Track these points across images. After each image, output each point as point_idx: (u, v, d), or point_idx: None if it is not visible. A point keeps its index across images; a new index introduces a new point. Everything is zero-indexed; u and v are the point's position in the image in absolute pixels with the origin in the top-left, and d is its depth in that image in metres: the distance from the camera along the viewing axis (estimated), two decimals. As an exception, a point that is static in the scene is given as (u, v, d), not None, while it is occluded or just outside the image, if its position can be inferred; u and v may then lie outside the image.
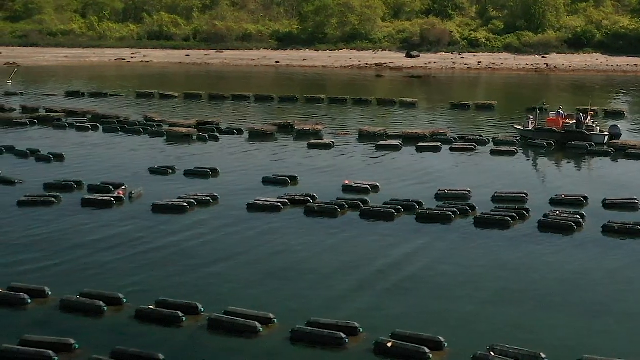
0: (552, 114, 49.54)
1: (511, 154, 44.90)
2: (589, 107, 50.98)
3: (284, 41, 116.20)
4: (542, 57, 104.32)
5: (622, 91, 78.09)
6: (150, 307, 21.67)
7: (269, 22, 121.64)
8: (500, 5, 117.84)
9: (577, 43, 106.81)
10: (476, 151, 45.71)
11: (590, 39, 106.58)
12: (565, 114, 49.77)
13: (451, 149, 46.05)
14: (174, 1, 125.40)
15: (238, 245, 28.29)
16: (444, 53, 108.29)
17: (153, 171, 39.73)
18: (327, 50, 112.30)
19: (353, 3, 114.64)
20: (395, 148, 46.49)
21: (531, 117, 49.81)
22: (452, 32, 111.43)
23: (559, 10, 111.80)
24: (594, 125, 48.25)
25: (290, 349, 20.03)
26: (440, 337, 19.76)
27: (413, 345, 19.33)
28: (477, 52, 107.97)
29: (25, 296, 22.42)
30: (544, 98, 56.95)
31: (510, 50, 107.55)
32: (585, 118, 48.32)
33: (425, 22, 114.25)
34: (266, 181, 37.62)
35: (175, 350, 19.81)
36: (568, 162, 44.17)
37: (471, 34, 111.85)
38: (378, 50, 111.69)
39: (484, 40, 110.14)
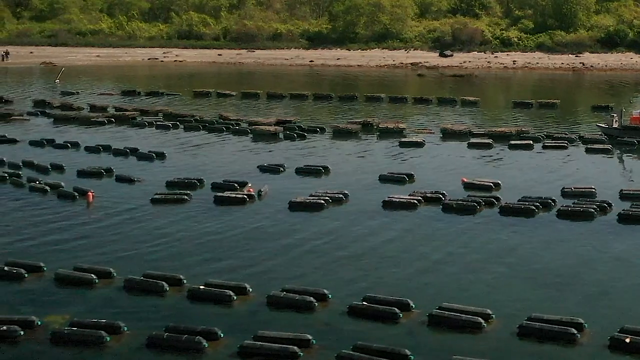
0: (635, 112, 49.80)
1: (606, 151, 45.01)
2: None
3: (314, 40, 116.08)
4: (576, 56, 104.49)
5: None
6: (364, 303, 21.65)
7: (298, 22, 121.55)
8: (528, 5, 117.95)
9: (609, 42, 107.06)
10: (569, 149, 45.82)
11: (623, 38, 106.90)
12: (649, 113, 50.12)
13: (544, 147, 46.13)
14: (201, 1, 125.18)
15: (398, 241, 28.30)
16: (476, 52, 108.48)
17: (263, 169, 39.64)
18: (359, 50, 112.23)
19: (383, 2, 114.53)
20: (487, 146, 46.50)
21: (615, 115, 50.05)
22: (483, 31, 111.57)
23: (589, 10, 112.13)
24: (679, 123, 48.53)
25: (519, 344, 20.00)
26: (673, 332, 19.78)
27: (654, 340, 19.33)
28: (509, 52, 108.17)
29: (231, 293, 22.35)
30: (630, 96, 57.19)
31: (542, 50, 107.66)
32: (670, 116, 48.63)
33: (456, 22, 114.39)
34: (383, 179, 37.62)
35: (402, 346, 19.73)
36: (664, 160, 44.52)
37: (503, 33, 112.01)
38: (410, 50, 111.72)
39: (515, 39, 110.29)
